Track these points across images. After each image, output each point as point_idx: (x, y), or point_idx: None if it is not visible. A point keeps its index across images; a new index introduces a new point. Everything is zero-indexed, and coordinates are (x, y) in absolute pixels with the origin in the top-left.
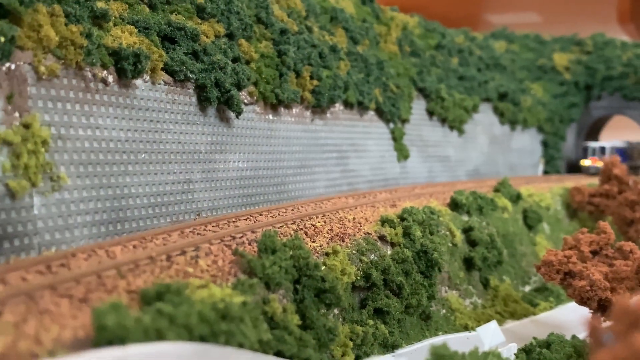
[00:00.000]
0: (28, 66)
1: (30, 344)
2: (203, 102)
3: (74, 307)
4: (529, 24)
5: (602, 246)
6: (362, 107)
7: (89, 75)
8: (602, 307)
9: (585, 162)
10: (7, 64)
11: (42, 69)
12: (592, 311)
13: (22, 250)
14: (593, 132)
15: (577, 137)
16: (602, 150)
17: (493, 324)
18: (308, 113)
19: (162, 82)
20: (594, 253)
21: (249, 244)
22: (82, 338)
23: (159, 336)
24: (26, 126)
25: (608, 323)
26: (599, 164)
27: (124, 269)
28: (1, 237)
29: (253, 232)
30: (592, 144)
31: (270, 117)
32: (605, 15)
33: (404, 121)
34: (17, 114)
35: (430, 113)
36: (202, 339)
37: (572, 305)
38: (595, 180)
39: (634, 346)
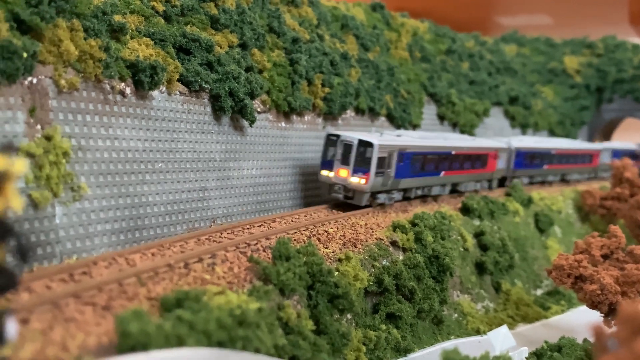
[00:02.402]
0: (49, 80)
1: (57, 350)
2: (217, 111)
3: (98, 315)
4: (540, 26)
5: (613, 250)
6: (373, 113)
7: (108, 87)
8: (612, 311)
9: (329, 174)
10: (29, 79)
11: (63, 82)
12: (603, 315)
13: (45, 259)
14: (605, 134)
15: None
16: (364, 151)
17: (504, 328)
18: (320, 120)
19: (178, 93)
20: (605, 257)
21: (264, 250)
22: (106, 344)
23: (180, 342)
24: (48, 138)
25: (614, 328)
26: (358, 180)
27: (144, 276)
28: (25, 246)
29: (267, 239)
30: (349, 136)
31: (283, 124)
32: (617, 16)
33: (415, 126)
34: (39, 127)
35: (441, 118)
36: (220, 344)
37: (584, 308)
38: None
39: (637, 352)
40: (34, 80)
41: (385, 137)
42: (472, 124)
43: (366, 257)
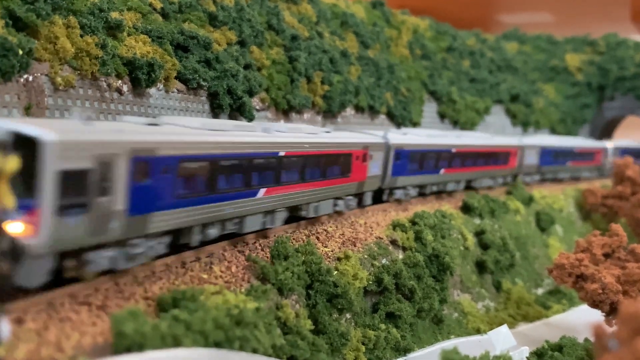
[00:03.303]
0: (45, 77)
1: (52, 350)
2: (216, 109)
3: (93, 315)
4: (542, 23)
5: (615, 249)
6: (373, 111)
7: (104, 85)
8: (614, 310)
9: None
10: (25, 76)
11: (59, 79)
12: (604, 314)
13: None
14: (606, 133)
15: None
16: (29, 160)
17: (504, 327)
18: (319, 118)
19: (176, 91)
20: (606, 255)
21: (262, 249)
22: (101, 344)
23: (176, 342)
24: None
25: (614, 328)
26: (21, 228)
27: (141, 276)
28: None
29: (266, 237)
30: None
31: (282, 122)
32: (619, 14)
33: (415, 124)
34: None
35: (442, 116)
36: (217, 344)
37: (585, 307)
38: None
39: (637, 352)
40: (30, 78)
41: (97, 128)
42: (473, 122)
43: (365, 256)
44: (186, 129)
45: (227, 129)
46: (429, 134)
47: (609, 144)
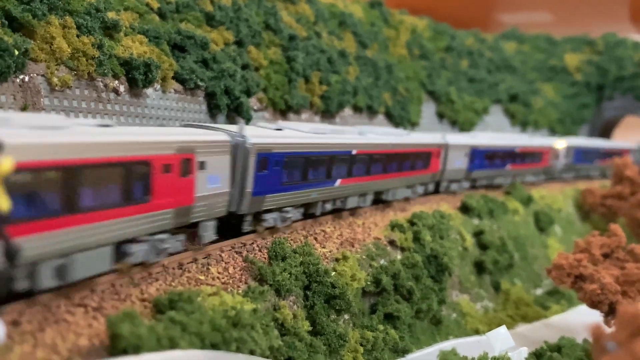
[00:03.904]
0: (41, 78)
1: (47, 352)
2: (213, 109)
3: (89, 316)
4: (541, 23)
5: (614, 249)
6: (371, 111)
7: (101, 85)
8: (613, 310)
9: None
10: (21, 76)
11: (55, 80)
12: (603, 314)
13: None
14: (605, 133)
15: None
16: None
17: (503, 328)
18: (317, 118)
19: (173, 91)
20: (605, 256)
21: (260, 250)
22: (97, 346)
23: (172, 344)
24: None
25: (612, 329)
26: None
27: (137, 277)
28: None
29: (263, 238)
30: None
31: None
32: (618, 13)
33: (414, 124)
34: None
35: (440, 116)
36: (214, 346)
37: (584, 308)
38: None
39: (636, 354)
40: (26, 78)
41: None
42: (472, 122)
43: (364, 257)
44: None
45: None
46: (316, 129)
47: (559, 143)
